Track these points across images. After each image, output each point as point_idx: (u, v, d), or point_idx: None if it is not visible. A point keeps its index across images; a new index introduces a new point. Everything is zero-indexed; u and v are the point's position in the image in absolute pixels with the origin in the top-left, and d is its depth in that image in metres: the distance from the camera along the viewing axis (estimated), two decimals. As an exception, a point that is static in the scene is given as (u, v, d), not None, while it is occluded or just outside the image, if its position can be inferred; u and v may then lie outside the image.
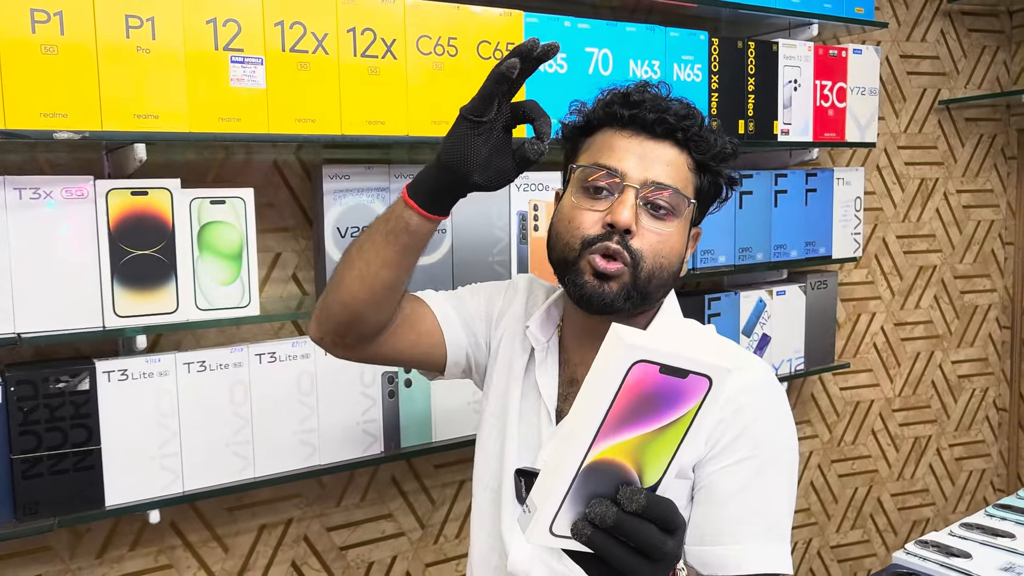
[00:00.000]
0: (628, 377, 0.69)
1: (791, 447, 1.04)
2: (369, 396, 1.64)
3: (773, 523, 0.99)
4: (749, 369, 1.05)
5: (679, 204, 1.02)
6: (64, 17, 1.25)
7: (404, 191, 1.02)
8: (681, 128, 1.03)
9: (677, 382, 0.70)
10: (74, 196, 1.34)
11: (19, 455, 1.34)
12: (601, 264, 1.01)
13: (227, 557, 1.73)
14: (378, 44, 1.49)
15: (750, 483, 0.99)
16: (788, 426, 1.05)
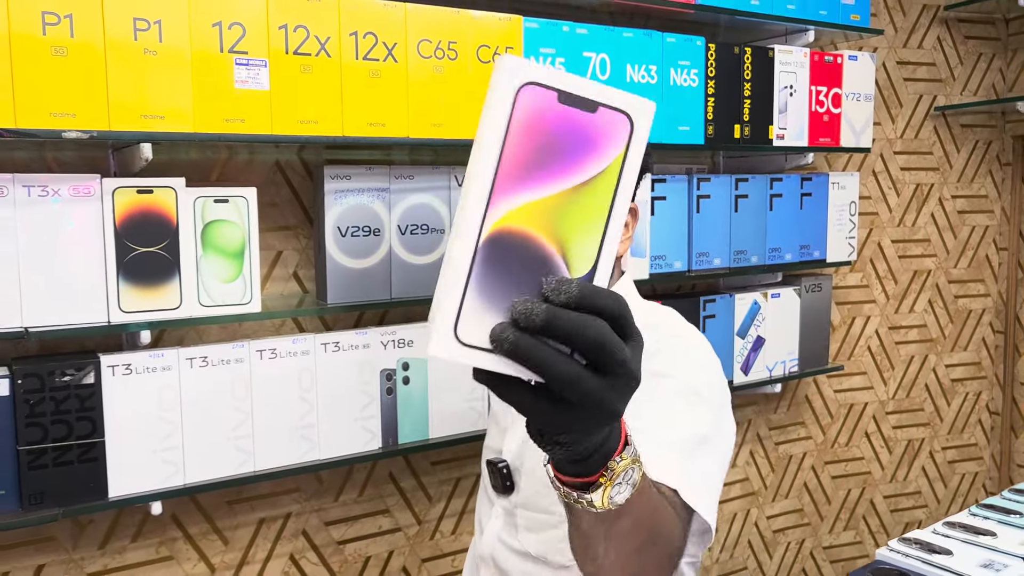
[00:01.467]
0: (518, 108, 0.54)
1: (703, 383, 1.09)
2: (368, 393, 1.67)
3: (668, 444, 0.96)
4: (666, 329, 1.18)
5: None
6: (74, 19, 1.28)
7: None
8: None
9: (585, 118, 0.56)
10: (81, 194, 1.37)
11: (25, 446, 1.37)
12: None
13: (227, 550, 1.76)
14: (379, 47, 1.52)
15: (655, 393, 1.02)
16: (701, 364, 1.13)
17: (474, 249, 0.54)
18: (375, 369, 1.67)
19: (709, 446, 1.01)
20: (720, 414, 1.08)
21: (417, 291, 1.70)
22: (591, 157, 0.56)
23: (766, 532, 2.62)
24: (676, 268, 2.02)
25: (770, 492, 2.61)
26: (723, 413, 1.09)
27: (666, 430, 0.97)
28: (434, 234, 1.70)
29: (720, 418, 1.07)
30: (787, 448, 2.62)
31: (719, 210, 2.08)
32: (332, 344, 1.62)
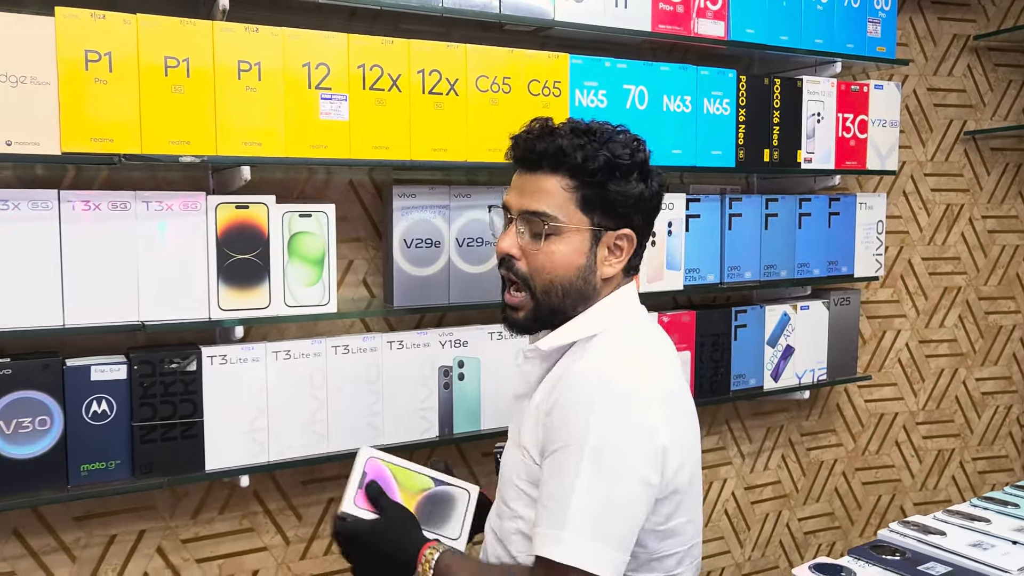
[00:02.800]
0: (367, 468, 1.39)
1: (602, 439, 1.11)
2: (427, 386, 1.88)
3: (563, 510, 1.10)
4: (585, 366, 1.18)
5: (550, 224, 1.21)
6: (190, 62, 1.53)
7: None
8: (545, 158, 1.22)
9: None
10: (189, 208, 1.62)
11: (138, 423, 1.61)
12: (507, 297, 1.27)
13: (300, 524, 1.98)
14: (443, 83, 1.74)
15: (551, 472, 1.13)
16: (601, 419, 1.12)
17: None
18: (434, 366, 1.88)
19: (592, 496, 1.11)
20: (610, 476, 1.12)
21: (472, 297, 1.90)
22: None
23: (797, 533, 2.75)
24: (709, 281, 2.20)
25: (801, 495, 2.74)
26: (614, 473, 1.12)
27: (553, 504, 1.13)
28: (488, 246, 1.91)
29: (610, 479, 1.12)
30: (818, 454, 2.75)
31: (750, 227, 2.25)
32: (397, 342, 1.83)
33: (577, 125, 1.28)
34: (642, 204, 1.26)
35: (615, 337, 1.24)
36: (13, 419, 1.52)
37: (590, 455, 1.11)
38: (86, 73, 1.46)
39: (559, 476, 1.12)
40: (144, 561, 1.82)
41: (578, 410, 1.14)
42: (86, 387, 1.57)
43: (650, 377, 1.20)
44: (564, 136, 1.23)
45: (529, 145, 1.24)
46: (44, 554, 1.73)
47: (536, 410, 1.23)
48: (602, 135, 1.25)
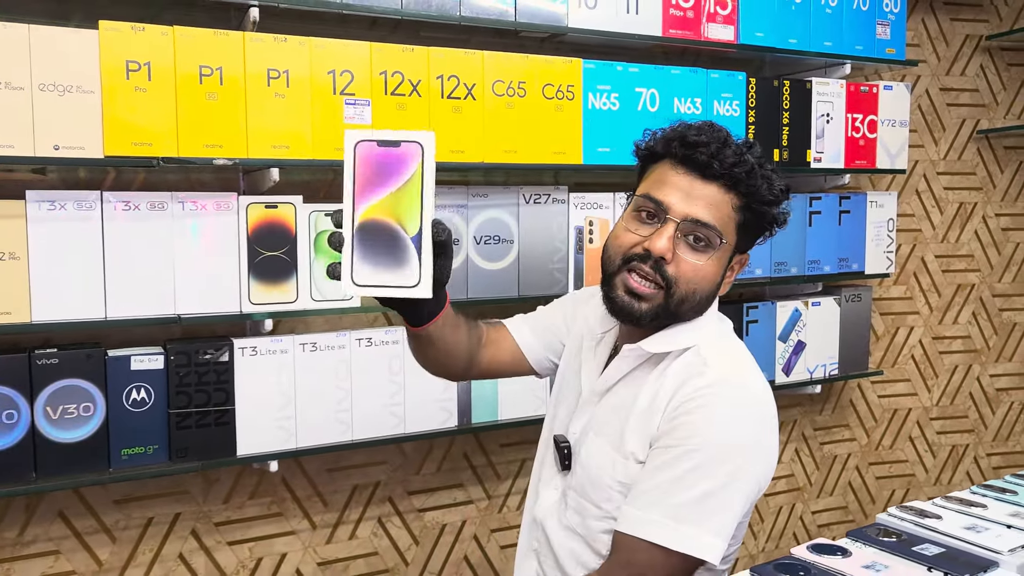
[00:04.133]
0: (357, 155, 1.06)
1: (727, 449, 1.12)
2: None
3: (678, 504, 1.11)
4: (715, 373, 1.16)
5: (714, 240, 1.17)
6: (223, 70, 1.63)
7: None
8: (728, 174, 1.16)
9: (396, 151, 1.06)
10: (222, 208, 1.71)
11: (174, 410, 1.71)
12: (633, 283, 1.18)
13: (326, 510, 2.08)
14: (461, 88, 1.83)
15: (671, 464, 1.13)
16: (732, 431, 1.13)
17: (351, 234, 1.06)
18: (453, 358, 1.96)
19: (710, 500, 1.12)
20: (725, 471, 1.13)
21: (489, 292, 1.99)
22: (402, 170, 1.06)
23: (811, 526, 2.80)
24: (720, 277, 2.26)
25: (815, 489, 2.80)
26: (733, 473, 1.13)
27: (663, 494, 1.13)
28: (504, 244, 1.99)
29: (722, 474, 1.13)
30: (831, 448, 2.80)
31: (760, 225, 2.31)
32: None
33: (745, 141, 1.22)
34: (768, 229, 1.25)
35: (730, 345, 1.26)
36: (59, 405, 1.62)
37: (720, 456, 1.12)
38: (127, 82, 1.56)
39: (683, 472, 1.12)
40: (179, 543, 1.93)
41: (704, 416, 1.14)
42: (126, 376, 1.68)
43: (768, 389, 1.22)
44: (750, 153, 1.19)
45: (719, 155, 1.16)
46: (86, 534, 1.84)
47: (648, 414, 1.21)
48: (760, 158, 1.21)
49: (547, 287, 2.02)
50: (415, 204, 1.06)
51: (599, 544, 1.24)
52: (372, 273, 1.07)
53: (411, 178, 1.05)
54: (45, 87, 1.51)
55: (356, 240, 1.06)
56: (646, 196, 1.19)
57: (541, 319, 1.48)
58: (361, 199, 1.06)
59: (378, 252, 1.06)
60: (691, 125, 1.23)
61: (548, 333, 1.46)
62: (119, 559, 1.87)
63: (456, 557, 2.25)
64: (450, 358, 1.36)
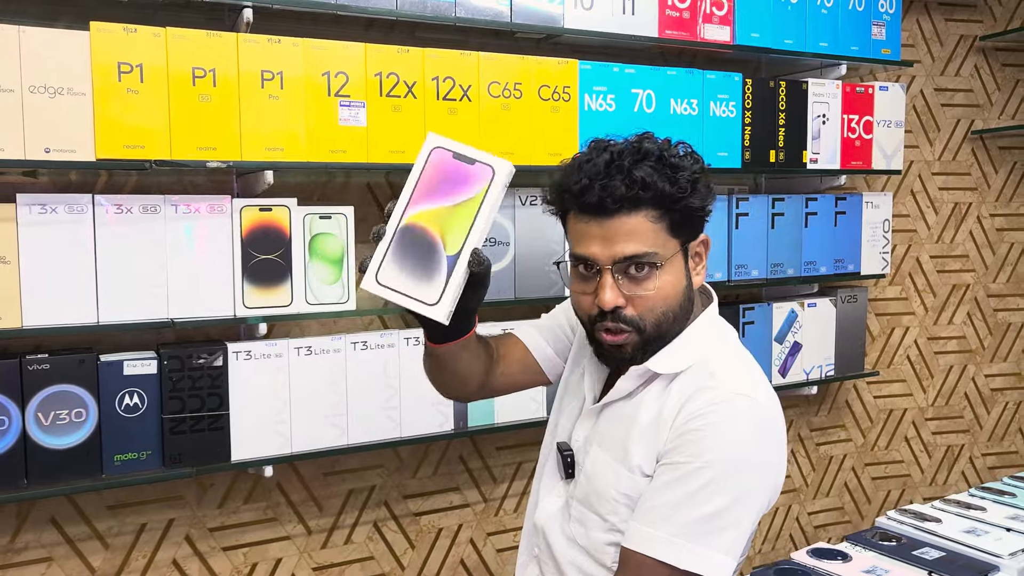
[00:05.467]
0: (429, 159, 1.04)
1: (737, 466, 1.09)
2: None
3: (687, 522, 1.09)
4: (724, 388, 1.13)
5: (653, 261, 1.12)
6: (216, 72, 1.61)
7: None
8: (624, 202, 1.11)
9: (467, 167, 1.04)
10: (216, 211, 1.70)
11: (168, 415, 1.69)
12: (608, 340, 1.16)
13: (321, 515, 2.06)
14: (456, 89, 1.82)
15: (680, 482, 1.10)
16: (742, 448, 1.10)
17: (395, 231, 1.03)
18: (449, 361, 1.95)
19: (719, 518, 1.09)
20: (734, 488, 1.11)
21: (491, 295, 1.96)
22: (466, 188, 1.03)
23: (807, 527, 2.80)
24: (716, 278, 2.25)
25: (811, 490, 2.79)
26: (743, 489, 1.11)
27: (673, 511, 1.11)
28: (500, 246, 1.98)
29: (731, 492, 1.11)
30: (828, 449, 2.80)
31: (757, 227, 2.30)
32: (413, 339, 1.91)
33: (630, 149, 1.16)
34: (708, 207, 1.20)
35: (736, 355, 1.23)
36: (51, 411, 1.60)
37: (731, 473, 1.10)
38: (119, 84, 1.54)
39: (693, 490, 1.10)
40: (173, 549, 1.91)
41: (714, 433, 1.11)
42: (119, 381, 1.66)
43: (776, 399, 1.19)
44: (635, 168, 1.12)
45: (607, 192, 1.11)
46: (79, 541, 1.82)
47: (655, 428, 1.18)
48: (663, 154, 1.15)
49: (544, 289, 2.01)
50: (465, 225, 1.03)
51: (603, 556, 1.23)
52: (396, 276, 1.04)
53: (471, 199, 1.03)
54: (35, 89, 1.49)
55: (395, 239, 1.03)
56: (574, 256, 1.18)
57: (548, 321, 1.46)
58: (416, 202, 1.03)
59: (411, 258, 1.03)
60: (577, 163, 1.17)
61: (556, 334, 1.44)
62: (112, 566, 1.85)
63: (452, 561, 2.23)
64: (463, 381, 1.34)
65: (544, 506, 1.33)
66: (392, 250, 1.03)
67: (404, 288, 1.04)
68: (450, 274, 1.04)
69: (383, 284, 1.03)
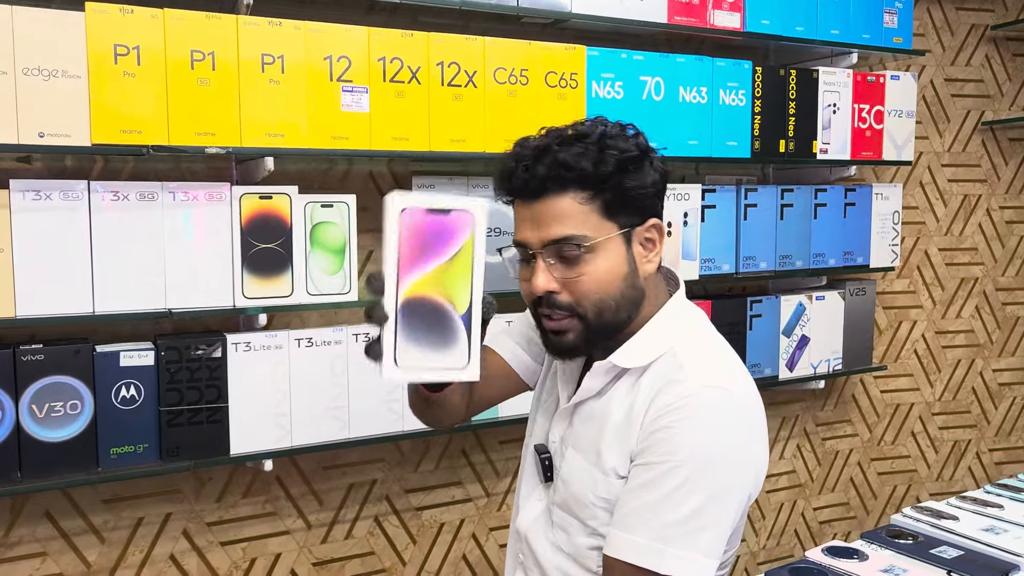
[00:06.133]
0: (401, 224, 0.95)
1: (712, 462, 1.06)
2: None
3: (666, 525, 1.06)
4: (693, 380, 1.09)
5: (580, 244, 1.10)
6: (215, 55, 1.56)
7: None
8: (548, 182, 1.10)
9: (444, 219, 0.97)
10: (214, 199, 1.65)
11: (165, 407, 1.65)
12: (549, 324, 1.14)
13: (321, 509, 2.03)
14: (462, 75, 1.77)
15: (655, 483, 1.07)
16: (716, 443, 1.07)
17: (395, 312, 0.95)
18: (452, 353, 1.91)
19: (697, 517, 1.07)
20: (709, 485, 1.08)
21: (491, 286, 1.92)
22: (452, 241, 0.97)
23: (812, 523, 2.77)
24: (724, 270, 2.22)
25: (816, 485, 2.76)
26: (717, 488, 1.08)
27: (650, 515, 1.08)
28: (506, 236, 1.93)
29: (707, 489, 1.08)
30: (833, 444, 2.77)
31: (765, 218, 2.26)
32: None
33: (563, 133, 1.15)
34: (660, 189, 1.17)
35: (706, 341, 1.19)
36: (45, 403, 1.56)
37: (706, 470, 1.07)
38: (115, 67, 1.50)
39: (669, 491, 1.07)
40: (170, 543, 1.87)
41: (688, 427, 1.08)
42: (115, 372, 1.62)
43: (754, 389, 1.16)
44: (560, 150, 1.11)
45: (528, 173, 1.11)
46: (74, 535, 1.78)
47: (625, 428, 1.15)
48: (596, 134, 1.13)
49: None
50: (465, 279, 0.99)
51: (588, 561, 1.20)
52: (419, 356, 0.98)
53: (461, 250, 0.98)
54: (29, 71, 1.45)
55: (400, 319, 0.96)
56: (513, 242, 1.18)
57: (518, 325, 1.42)
58: (407, 272, 0.96)
59: (425, 332, 0.97)
60: (513, 149, 1.17)
61: (529, 335, 1.39)
62: (108, 560, 1.82)
63: (454, 556, 2.20)
64: (453, 411, 1.34)
65: (526, 512, 1.30)
66: (402, 331, 0.97)
67: (431, 364, 0.99)
68: (470, 333, 1.00)
69: (408, 367, 0.97)
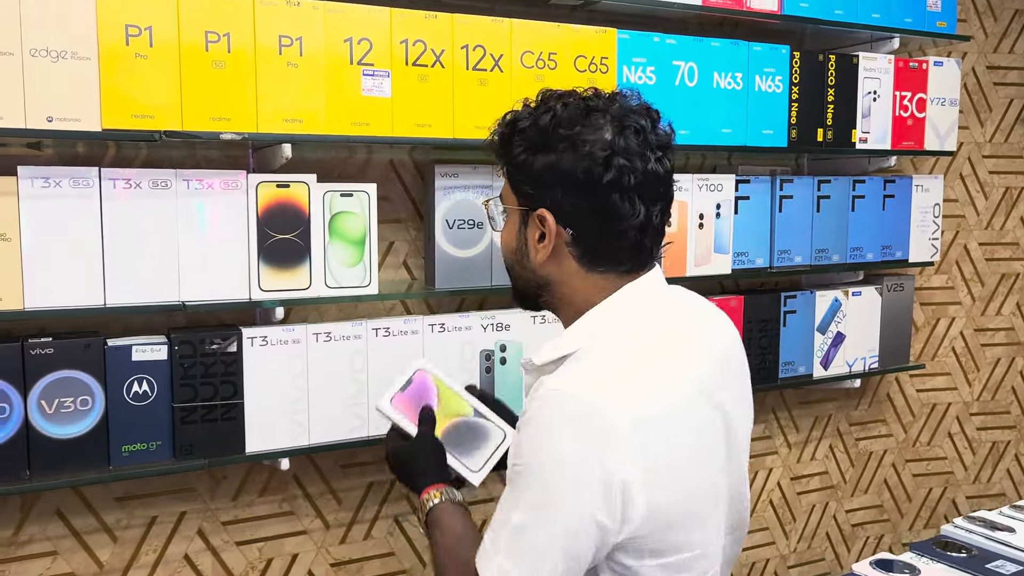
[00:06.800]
0: (395, 408, 1.45)
1: (542, 467, 1.03)
2: (468, 370, 1.84)
3: (496, 529, 1.07)
4: (550, 382, 1.07)
5: (500, 207, 1.25)
6: (231, 37, 1.50)
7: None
8: (492, 151, 1.23)
9: (413, 387, 1.48)
10: (230, 187, 1.59)
11: (179, 404, 1.59)
12: None
13: (340, 509, 1.96)
14: (487, 59, 1.69)
15: (507, 487, 1.09)
16: (549, 449, 1.03)
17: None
18: (475, 349, 1.84)
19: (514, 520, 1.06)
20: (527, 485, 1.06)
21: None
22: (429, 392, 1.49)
23: (844, 526, 2.68)
24: (758, 264, 2.13)
25: (849, 487, 2.67)
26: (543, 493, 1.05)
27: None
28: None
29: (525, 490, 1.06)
30: (867, 444, 2.67)
31: (801, 210, 2.17)
32: (438, 325, 1.80)
33: (532, 109, 1.20)
34: (555, 177, 1.11)
35: (603, 351, 1.11)
36: (55, 399, 1.51)
37: (534, 482, 1.04)
38: (126, 48, 1.43)
39: (505, 498, 1.08)
40: (184, 543, 1.82)
41: (530, 431, 1.06)
42: (127, 367, 1.56)
43: (625, 401, 1.05)
44: (511, 121, 1.21)
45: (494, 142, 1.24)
46: (86, 534, 1.73)
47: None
48: (535, 118, 1.16)
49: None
50: (457, 398, 1.50)
51: None
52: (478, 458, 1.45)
53: (438, 388, 1.48)
54: (37, 53, 1.39)
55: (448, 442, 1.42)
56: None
57: None
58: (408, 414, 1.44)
59: (461, 443, 1.45)
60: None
61: None
62: (121, 560, 1.76)
63: (476, 558, 2.13)
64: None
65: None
66: (455, 449, 1.43)
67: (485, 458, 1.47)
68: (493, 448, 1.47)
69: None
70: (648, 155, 1.12)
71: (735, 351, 1.28)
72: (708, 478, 1.15)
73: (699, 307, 1.27)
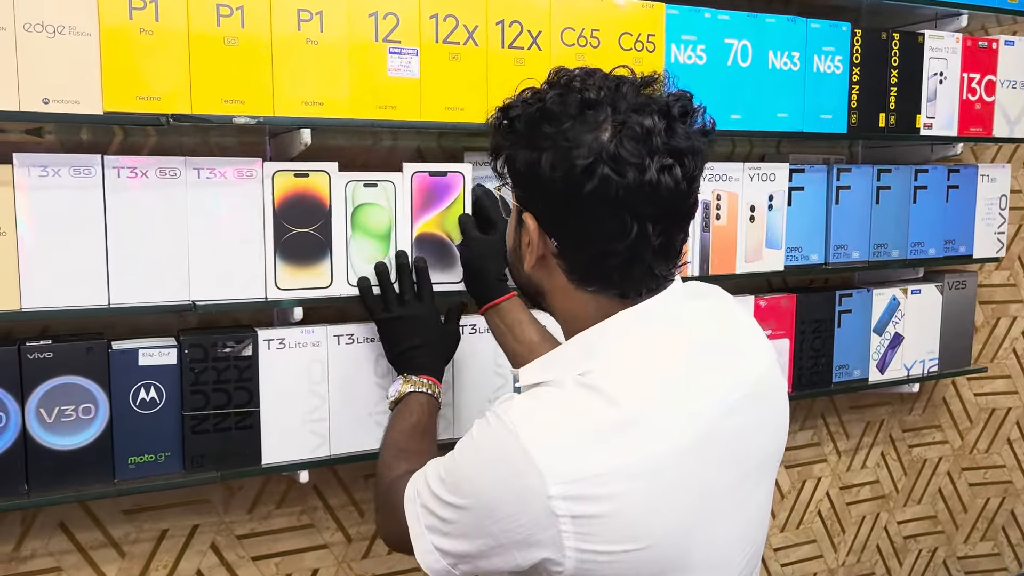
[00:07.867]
0: (413, 184, 1.48)
1: (459, 482, 0.98)
2: (501, 375, 1.70)
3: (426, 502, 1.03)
4: (508, 404, 0.99)
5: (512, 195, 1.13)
6: (244, 11, 1.36)
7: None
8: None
9: (442, 179, 1.51)
10: (244, 177, 1.46)
11: (190, 412, 1.47)
12: None
13: (363, 521, 1.84)
14: (524, 36, 1.55)
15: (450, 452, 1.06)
16: (465, 463, 0.99)
17: (412, 243, 1.49)
18: (509, 353, 1.70)
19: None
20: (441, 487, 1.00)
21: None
22: (450, 194, 1.50)
23: (896, 538, 2.52)
24: (812, 260, 1.97)
25: (902, 496, 2.51)
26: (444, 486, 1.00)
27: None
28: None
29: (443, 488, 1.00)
30: (921, 452, 2.51)
31: (859, 202, 2.01)
32: (469, 326, 1.66)
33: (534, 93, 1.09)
34: (535, 181, 0.98)
35: (570, 394, 0.96)
36: (55, 407, 1.39)
37: (458, 480, 0.99)
38: (130, 22, 1.30)
39: (443, 462, 1.05)
40: (197, 558, 1.70)
41: (471, 442, 1.00)
42: (133, 372, 1.43)
43: (570, 461, 0.91)
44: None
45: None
46: (92, 549, 1.61)
47: None
48: (522, 108, 1.05)
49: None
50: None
51: None
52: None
53: (455, 200, 1.52)
54: (31, 27, 1.26)
55: (415, 247, 1.50)
56: None
57: None
58: (418, 218, 1.52)
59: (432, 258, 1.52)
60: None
61: None
62: (129, 576, 1.65)
63: (507, 573, 2.00)
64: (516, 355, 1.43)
65: None
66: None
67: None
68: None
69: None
70: (647, 163, 0.92)
71: (769, 382, 1.07)
72: (690, 537, 0.96)
73: (723, 335, 1.06)
